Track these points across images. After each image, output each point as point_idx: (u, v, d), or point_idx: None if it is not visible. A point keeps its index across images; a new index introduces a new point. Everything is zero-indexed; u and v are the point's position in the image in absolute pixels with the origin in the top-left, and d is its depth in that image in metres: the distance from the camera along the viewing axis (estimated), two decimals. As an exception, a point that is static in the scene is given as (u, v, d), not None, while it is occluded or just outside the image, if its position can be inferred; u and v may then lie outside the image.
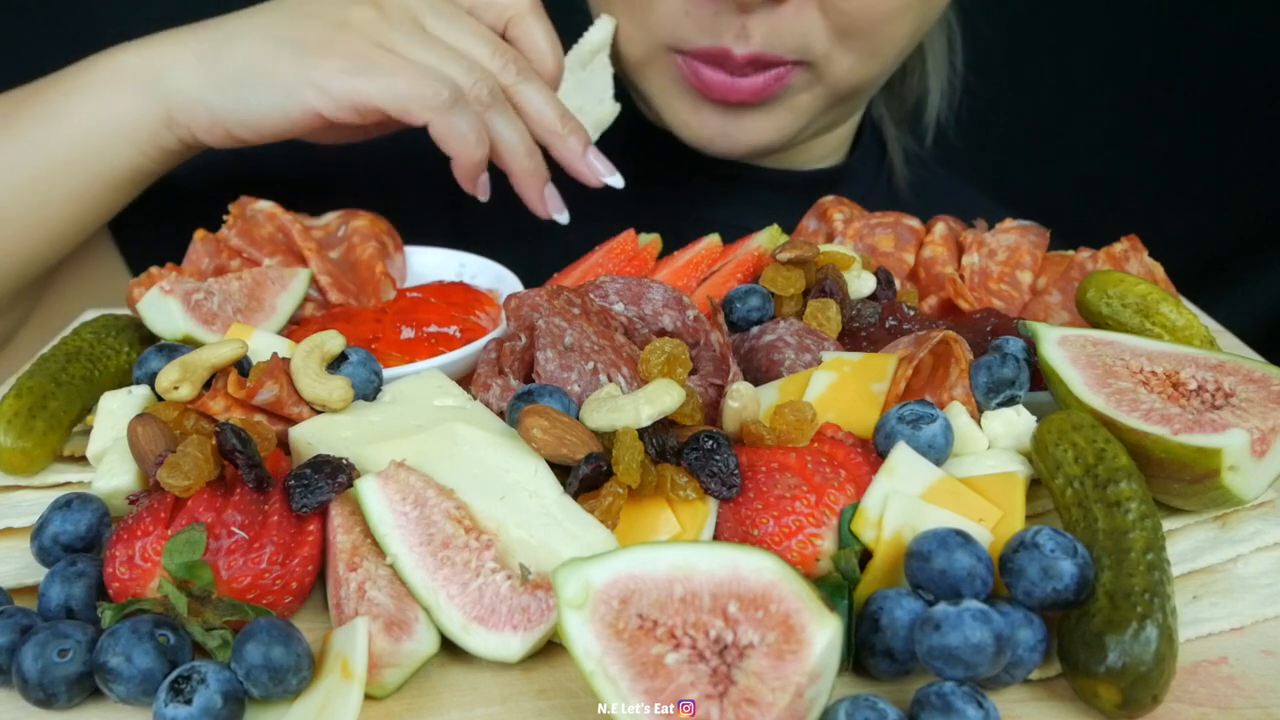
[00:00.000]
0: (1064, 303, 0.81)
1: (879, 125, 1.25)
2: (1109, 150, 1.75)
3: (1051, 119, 1.71)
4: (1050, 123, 1.70)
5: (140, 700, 0.48)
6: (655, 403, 0.56)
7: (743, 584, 0.47)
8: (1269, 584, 0.56)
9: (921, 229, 0.88)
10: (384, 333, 0.75)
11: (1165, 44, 1.71)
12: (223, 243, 0.84)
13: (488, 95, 0.83)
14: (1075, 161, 1.73)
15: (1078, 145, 1.75)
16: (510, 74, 0.86)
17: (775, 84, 0.95)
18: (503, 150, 0.86)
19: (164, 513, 0.54)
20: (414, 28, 0.84)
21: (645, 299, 0.68)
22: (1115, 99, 1.73)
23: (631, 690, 0.45)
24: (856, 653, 0.51)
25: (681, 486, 0.55)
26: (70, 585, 0.53)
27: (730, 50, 0.93)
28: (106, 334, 0.73)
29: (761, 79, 0.95)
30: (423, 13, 0.85)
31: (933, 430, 0.57)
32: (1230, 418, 0.58)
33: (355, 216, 0.89)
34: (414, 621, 0.51)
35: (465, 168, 0.85)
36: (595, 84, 0.96)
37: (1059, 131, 1.72)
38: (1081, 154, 1.75)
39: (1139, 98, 1.73)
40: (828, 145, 1.16)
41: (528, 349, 0.67)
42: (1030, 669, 0.50)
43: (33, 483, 0.64)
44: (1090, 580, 0.50)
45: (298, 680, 0.48)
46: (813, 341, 0.67)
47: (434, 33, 0.85)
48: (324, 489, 0.55)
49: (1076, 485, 0.55)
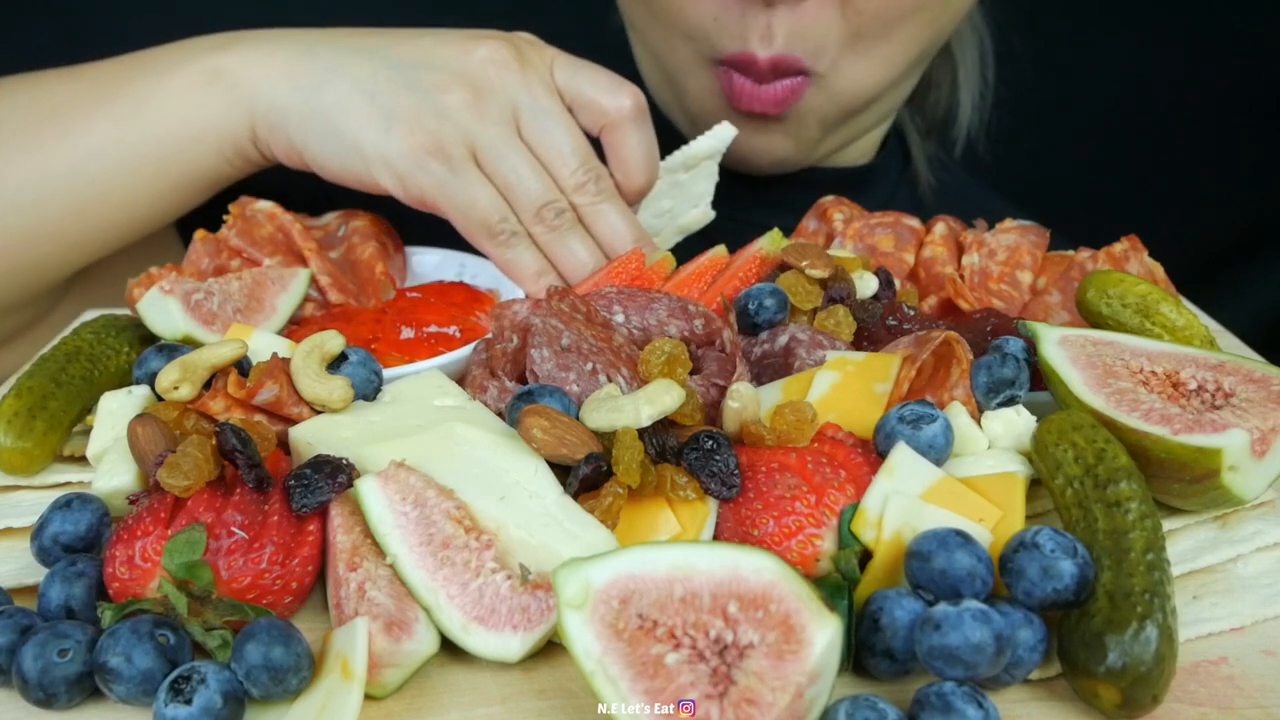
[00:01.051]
0: (1064, 303, 0.81)
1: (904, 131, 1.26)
2: (1109, 150, 1.75)
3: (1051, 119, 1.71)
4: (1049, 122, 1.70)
5: (140, 700, 0.48)
6: (655, 403, 0.56)
7: (743, 584, 0.47)
8: (1269, 584, 0.56)
9: (921, 229, 0.88)
10: (384, 333, 0.75)
11: (1165, 44, 1.71)
12: (223, 243, 0.84)
13: (556, 218, 0.82)
14: (1075, 161, 1.73)
15: (1077, 145, 1.75)
16: (589, 193, 0.83)
17: (792, 96, 0.99)
18: (564, 270, 0.83)
19: (164, 513, 0.54)
20: (508, 129, 0.82)
21: (649, 310, 0.68)
22: (1115, 99, 1.73)
23: (631, 690, 0.45)
24: (856, 653, 0.51)
25: (681, 486, 0.55)
26: (70, 585, 0.53)
27: (755, 54, 0.97)
28: (106, 334, 0.73)
29: (780, 88, 0.99)
30: (522, 108, 0.83)
31: (933, 430, 0.57)
32: (1230, 418, 0.58)
33: (355, 216, 0.89)
34: (414, 621, 0.51)
35: (526, 291, 0.84)
36: (695, 188, 0.94)
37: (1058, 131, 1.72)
38: (1081, 154, 1.75)
39: (1139, 97, 1.73)
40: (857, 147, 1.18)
41: (520, 350, 0.67)
42: (1030, 669, 0.50)
43: (33, 483, 0.64)
44: (1090, 580, 0.50)
45: (298, 680, 0.48)
46: (826, 342, 0.67)
47: (527, 136, 0.83)
48: (324, 489, 0.55)
49: (1076, 485, 0.55)
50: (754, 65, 0.97)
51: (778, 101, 1.00)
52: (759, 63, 0.97)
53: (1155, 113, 1.72)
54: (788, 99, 1.00)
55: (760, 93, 0.99)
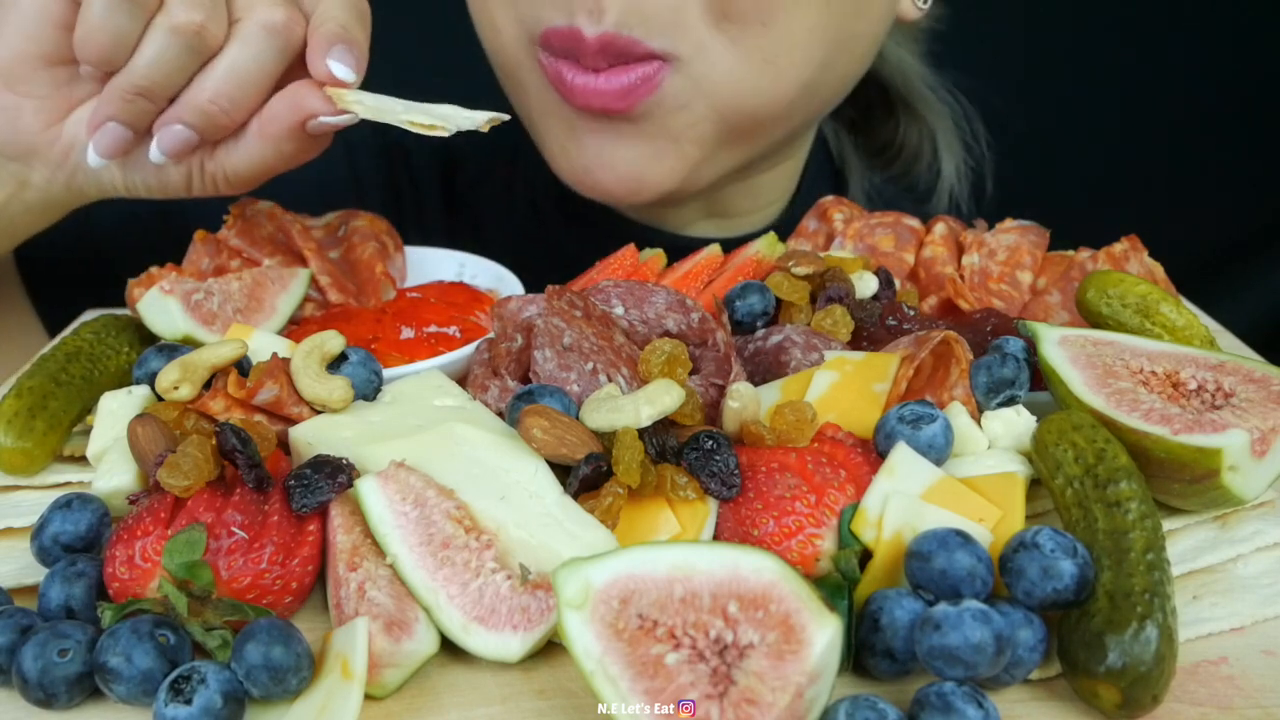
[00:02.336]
0: (1064, 303, 0.81)
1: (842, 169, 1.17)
2: (1109, 150, 1.75)
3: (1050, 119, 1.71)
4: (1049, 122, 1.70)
5: (140, 700, 0.48)
6: (655, 403, 0.56)
7: (743, 584, 0.47)
8: (1269, 584, 0.56)
9: (921, 229, 0.88)
10: (384, 333, 0.75)
11: (1165, 44, 1.71)
12: (222, 243, 0.84)
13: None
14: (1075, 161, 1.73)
15: (1077, 145, 1.75)
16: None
17: (642, 86, 0.82)
18: None
19: (164, 513, 0.54)
20: None
21: (648, 302, 0.68)
22: (1115, 99, 1.73)
23: (631, 690, 0.45)
24: (856, 653, 0.51)
25: (681, 486, 0.55)
26: (70, 585, 0.53)
27: (581, 31, 0.80)
28: (106, 334, 0.73)
29: (625, 78, 0.82)
30: None
31: (933, 430, 0.57)
32: (1230, 418, 0.58)
33: (355, 216, 0.89)
34: (414, 621, 0.51)
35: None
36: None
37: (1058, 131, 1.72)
38: (1081, 154, 1.75)
39: (1139, 98, 1.73)
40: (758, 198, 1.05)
41: (524, 349, 0.67)
42: (1030, 669, 0.50)
43: (33, 483, 0.64)
44: (1090, 580, 0.50)
45: (298, 680, 0.48)
46: (820, 341, 0.67)
47: None
48: (324, 489, 0.55)
49: (1076, 485, 0.55)
50: (580, 45, 0.81)
51: (623, 93, 0.82)
52: (586, 41, 0.80)
53: (1155, 113, 1.72)
54: (637, 90, 0.82)
55: (599, 84, 0.82)
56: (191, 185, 0.78)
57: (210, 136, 0.74)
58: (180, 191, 0.78)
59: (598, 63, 0.82)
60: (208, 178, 0.77)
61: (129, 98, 0.71)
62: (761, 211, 1.07)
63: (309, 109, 0.72)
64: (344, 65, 0.71)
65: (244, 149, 0.75)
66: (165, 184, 0.77)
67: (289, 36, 0.72)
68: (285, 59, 0.73)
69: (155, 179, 0.77)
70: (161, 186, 0.78)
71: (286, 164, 0.77)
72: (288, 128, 0.73)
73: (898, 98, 1.17)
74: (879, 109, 1.18)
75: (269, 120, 0.73)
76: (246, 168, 0.76)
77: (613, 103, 0.83)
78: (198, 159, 0.76)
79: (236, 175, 0.76)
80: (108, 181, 0.78)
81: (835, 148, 1.18)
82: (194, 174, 0.77)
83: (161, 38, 0.69)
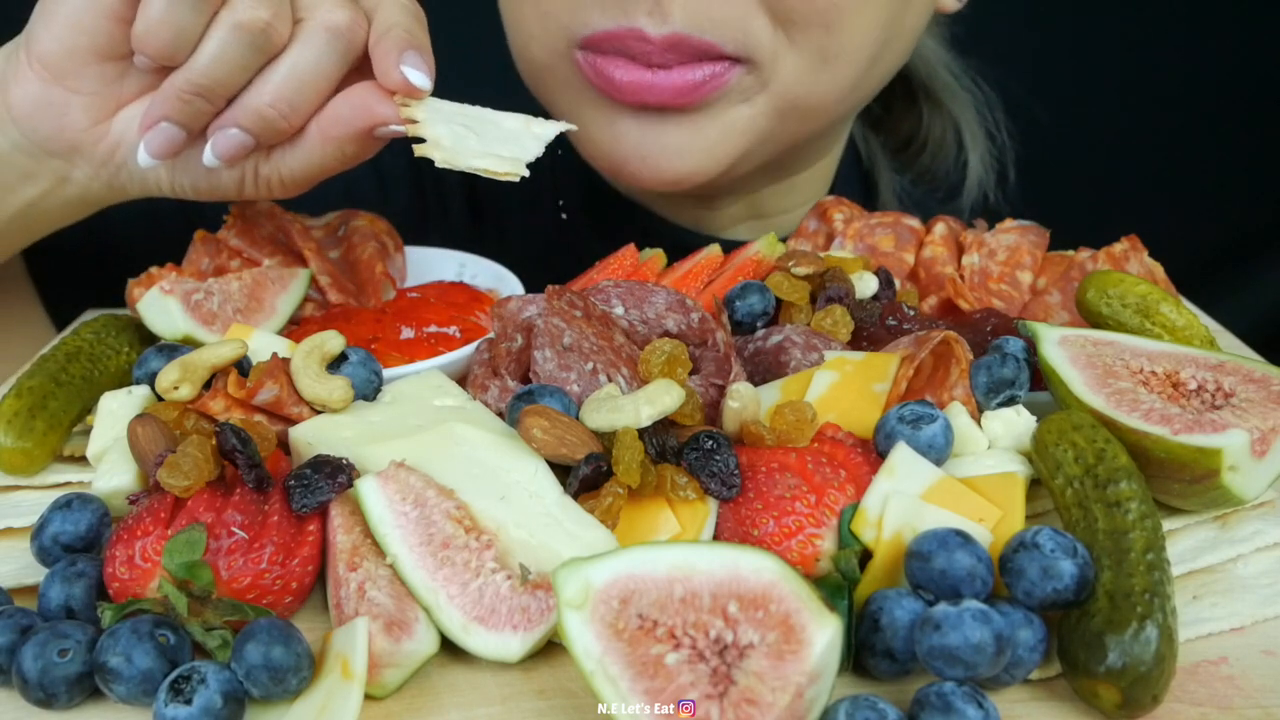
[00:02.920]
0: (1064, 303, 0.81)
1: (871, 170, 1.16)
2: (1109, 150, 1.75)
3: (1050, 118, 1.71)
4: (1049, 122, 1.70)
5: (140, 700, 0.48)
6: (655, 403, 0.56)
7: (743, 584, 0.47)
8: (1269, 584, 0.56)
9: (921, 229, 0.88)
10: (384, 333, 0.75)
11: (1165, 44, 1.71)
12: (222, 243, 0.84)
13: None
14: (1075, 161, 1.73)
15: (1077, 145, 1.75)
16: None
17: (711, 84, 0.80)
18: None
19: (164, 513, 0.54)
20: None
21: (648, 302, 0.68)
22: (1114, 99, 1.73)
23: (631, 690, 0.45)
24: (856, 653, 0.51)
25: (681, 486, 0.55)
26: (70, 585, 0.53)
27: (643, 30, 0.78)
28: (106, 334, 0.73)
29: (691, 75, 0.80)
30: None
31: (933, 430, 0.57)
32: (1230, 418, 0.58)
33: (355, 216, 0.89)
34: (414, 621, 0.51)
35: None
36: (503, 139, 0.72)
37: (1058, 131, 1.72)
38: (1081, 154, 1.75)
39: (1139, 98, 1.73)
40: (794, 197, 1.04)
41: (524, 349, 0.67)
42: (1030, 669, 0.50)
43: (33, 483, 0.64)
44: (1090, 580, 0.50)
45: (298, 680, 0.48)
46: (820, 342, 0.67)
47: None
48: (324, 489, 0.55)
49: (1076, 485, 0.55)
50: (644, 42, 0.78)
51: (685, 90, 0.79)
52: (650, 40, 0.78)
53: (1155, 113, 1.72)
54: (702, 87, 0.80)
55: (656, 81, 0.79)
56: (244, 188, 0.75)
57: (267, 141, 0.71)
58: (231, 194, 0.76)
59: (665, 59, 0.79)
60: (261, 181, 0.74)
61: (186, 97, 0.68)
62: (797, 210, 1.06)
63: (379, 116, 0.70)
64: (419, 72, 0.69)
65: (303, 151, 0.72)
66: (216, 187, 0.75)
67: (352, 39, 0.70)
68: (347, 63, 0.71)
69: (205, 181, 0.75)
70: (211, 189, 0.75)
71: (345, 166, 0.74)
72: (353, 131, 0.71)
73: (920, 86, 1.15)
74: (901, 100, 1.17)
75: (332, 123, 0.71)
76: (304, 171, 0.73)
77: (673, 99, 0.81)
78: (252, 162, 0.74)
79: (293, 178, 0.74)
80: (153, 181, 0.75)
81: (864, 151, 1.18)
82: (247, 177, 0.74)
83: (225, 34, 0.67)
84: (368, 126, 0.70)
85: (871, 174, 1.17)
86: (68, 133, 0.73)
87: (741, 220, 1.06)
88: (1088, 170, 1.75)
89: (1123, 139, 1.74)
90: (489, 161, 0.68)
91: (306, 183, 0.75)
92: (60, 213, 0.79)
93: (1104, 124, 1.75)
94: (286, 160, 0.73)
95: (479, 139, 0.70)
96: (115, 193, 0.77)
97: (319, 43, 0.69)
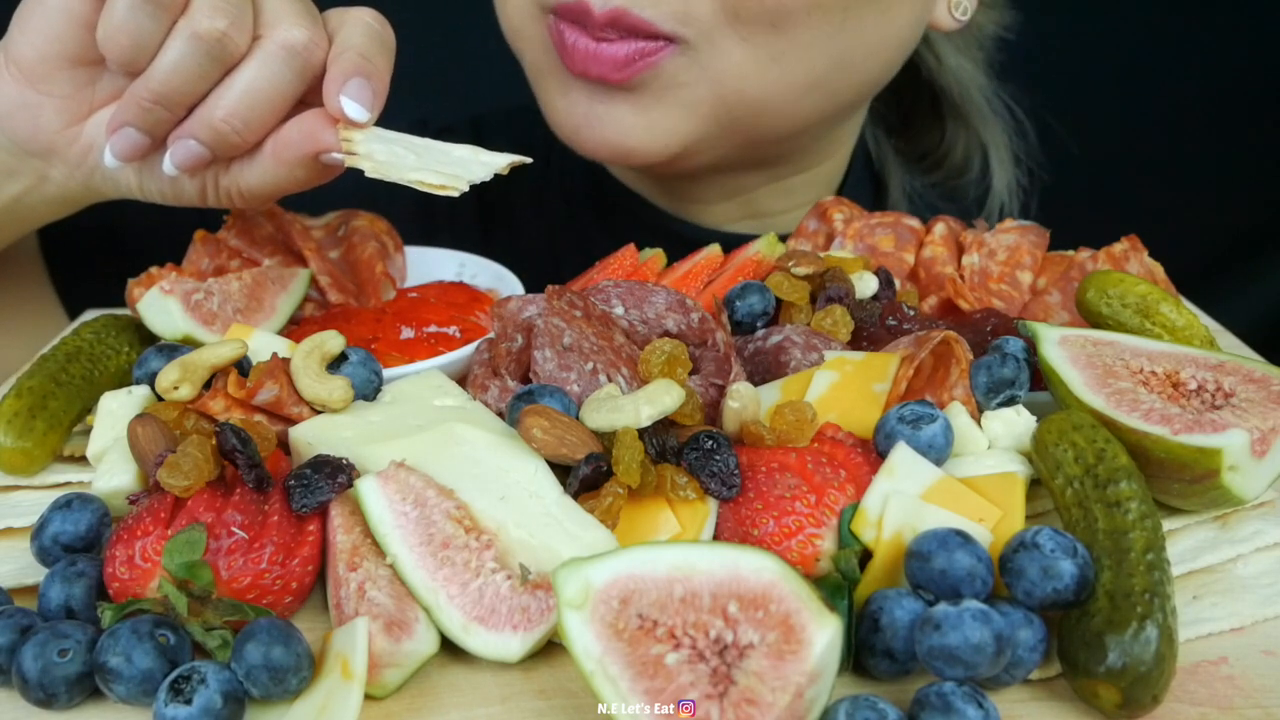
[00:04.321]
0: (1064, 303, 0.81)
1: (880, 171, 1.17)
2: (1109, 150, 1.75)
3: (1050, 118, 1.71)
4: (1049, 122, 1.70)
5: (140, 700, 0.48)
6: (655, 403, 0.56)
7: (743, 584, 0.47)
8: (1269, 584, 0.56)
9: (921, 229, 0.88)
10: (384, 333, 0.75)
11: (1165, 44, 1.71)
12: (222, 243, 0.84)
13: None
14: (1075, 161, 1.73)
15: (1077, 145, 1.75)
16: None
17: (640, 60, 0.83)
18: None
19: (164, 513, 0.54)
20: None
21: (648, 302, 0.68)
22: (1114, 99, 1.73)
23: (631, 690, 0.45)
24: (856, 653, 0.51)
25: (681, 486, 0.55)
26: (70, 585, 0.53)
27: (588, 4, 0.81)
28: (106, 334, 0.73)
29: (625, 49, 0.83)
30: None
31: (933, 430, 0.57)
32: (1230, 418, 0.58)
33: (355, 216, 0.89)
34: (414, 621, 0.51)
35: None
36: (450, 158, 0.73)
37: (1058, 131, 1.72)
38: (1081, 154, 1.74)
39: (1139, 98, 1.73)
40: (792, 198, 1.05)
41: (524, 349, 0.67)
42: (1030, 669, 0.50)
43: (33, 483, 0.64)
44: (1090, 580, 0.50)
45: (298, 680, 0.48)
46: (820, 341, 0.67)
47: None
48: (324, 489, 0.55)
49: (1076, 485, 0.55)
50: (587, 15, 0.82)
51: (619, 64, 0.83)
52: (593, 14, 0.81)
53: (1155, 113, 1.72)
54: (633, 62, 0.83)
55: (599, 52, 0.83)
56: (206, 197, 0.77)
57: (223, 154, 0.73)
58: (194, 201, 0.77)
59: (606, 34, 0.82)
60: (222, 191, 0.76)
61: (146, 105, 0.70)
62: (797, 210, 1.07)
63: (322, 143, 0.71)
64: (358, 105, 0.70)
65: (258, 169, 0.74)
66: (180, 193, 0.77)
67: (308, 59, 0.71)
68: (304, 81, 0.72)
69: (170, 188, 0.77)
70: (176, 195, 0.77)
71: (300, 187, 0.76)
72: (300, 156, 0.72)
73: (949, 107, 1.15)
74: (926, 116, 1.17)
75: (283, 145, 0.72)
76: (259, 187, 0.75)
77: (609, 72, 0.84)
78: (212, 173, 0.75)
79: (250, 193, 0.75)
80: (124, 184, 0.78)
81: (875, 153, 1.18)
82: (208, 187, 0.76)
83: (182, 44, 0.68)
84: (313, 151, 0.72)
85: (882, 176, 1.18)
86: (43, 134, 0.75)
87: (736, 218, 1.07)
88: (1088, 170, 1.75)
89: (1123, 139, 1.74)
90: (425, 175, 0.68)
91: (266, 198, 0.77)
92: (45, 209, 0.81)
93: (1104, 124, 1.75)
94: (244, 175, 0.75)
95: (418, 159, 0.70)
96: (92, 193, 0.79)
97: (274, 61, 0.70)
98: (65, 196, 0.79)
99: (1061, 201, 1.28)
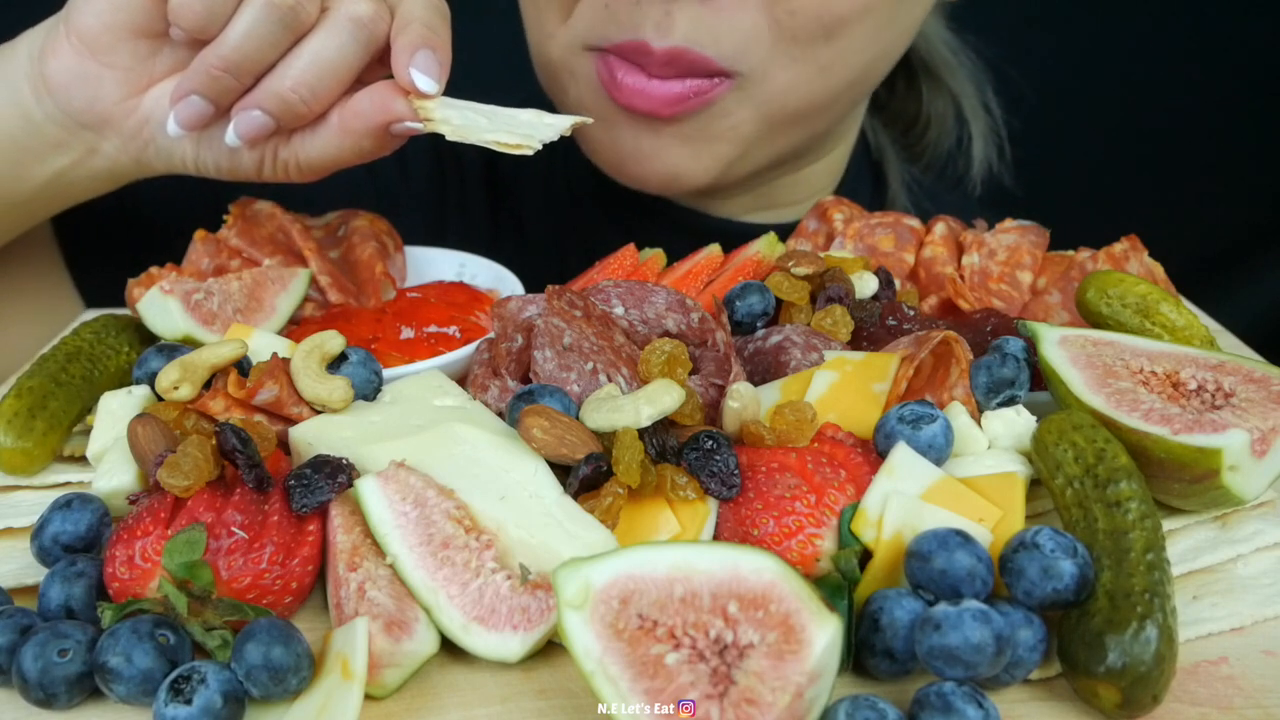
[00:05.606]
0: (1064, 303, 0.81)
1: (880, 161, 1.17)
2: (1109, 150, 1.75)
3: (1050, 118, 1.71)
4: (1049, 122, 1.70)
5: (140, 700, 0.48)
6: (655, 403, 0.56)
7: (743, 584, 0.47)
8: (1269, 584, 0.56)
9: (921, 229, 0.88)
10: (384, 333, 0.75)
11: (1165, 44, 1.71)
12: (222, 243, 0.84)
13: None
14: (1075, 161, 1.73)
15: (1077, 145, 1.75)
16: None
17: (694, 97, 0.84)
18: None
19: (164, 513, 0.54)
20: None
21: (648, 302, 0.68)
22: (1114, 99, 1.73)
23: (631, 690, 0.45)
24: (856, 653, 0.51)
25: (681, 486, 0.55)
26: (70, 585, 0.53)
27: (648, 43, 0.82)
28: (106, 334, 0.73)
29: (679, 87, 0.84)
30: None
31: (933, 430, 0.57)
32: (1230, 418, 0.58)
33: (355, 216, 0.89)
34: (414, 621, 0.51)
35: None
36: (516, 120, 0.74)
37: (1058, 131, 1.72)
38: (1081, 154, 1.75)
39: (1139, 98, 1.73)
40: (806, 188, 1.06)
41: (524, 349, 0.67)
42: (1030, 669, 0.50)
43: (33, 483, 0.64)
44: (1090, 580, 0.50)
45: (298, 680, 0.48)
46: (820, 341, 0.67)
47: None
48: (324, 489, 0.55)
49: (1076, 485, 0.55)
50: (647, 55, 0.82)
51: (669, 101, 0.84)
52: (653, 53, 0.82)
53: (1155, 113, 1.72)
54: (686, 100, 0.84)
55: (648, 88, 0.83)
56: (263, 170, 0.77)
57: (288, 124, 0.73)
58: (250, 175, 0.78)
59: (664, 72, 0.83)
60: (280, 164, 0.77)
61: (216, 73, 0.70)
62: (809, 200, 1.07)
63: (395, 113, 0.72)
64: (427, 77, 0.71)
65: (321, 140, 0.75)
66: (237, 166, 0.77)
67: (374, 30, 0.71)
68: (368, 53, 0.72)
69: (227, 160, 0.77)
70: (232, 169, 0.78)
71: (362, 159, 0.76)
72: (371, 126, 0.73)
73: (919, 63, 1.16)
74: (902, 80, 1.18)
75: (352, 115, 0.73)
76: (320, 158, 0.75)
77: (659, 108, 0.84)
78: (271, 145, 0.76)
79: (309, 164, 0.76)
80: (178, 158, 0.78)
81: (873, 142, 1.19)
82: (266, 159, 0.77)
83: (255, 11, 0.69)
84: (385, 122, 0.72)
85: (881, 165, 1.19)
86: (100, 105, 0.75)
87: (750, 209, 1.07)
88: (1088, 170, 1.75)
89: (1123, 139, 1.74)
90: (500, 135, 0.70)
91: (323, 170, 0.77)
92: (87, 184, 0.81)
93: (1104, 124, 1.75)
94: (305, 146, 0.75)
95: (489, 121, 0.72)
96: (142, 168, 0.80)
97: (342, 32, 0.71)
98: (112, 171, 0.80)
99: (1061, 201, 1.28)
